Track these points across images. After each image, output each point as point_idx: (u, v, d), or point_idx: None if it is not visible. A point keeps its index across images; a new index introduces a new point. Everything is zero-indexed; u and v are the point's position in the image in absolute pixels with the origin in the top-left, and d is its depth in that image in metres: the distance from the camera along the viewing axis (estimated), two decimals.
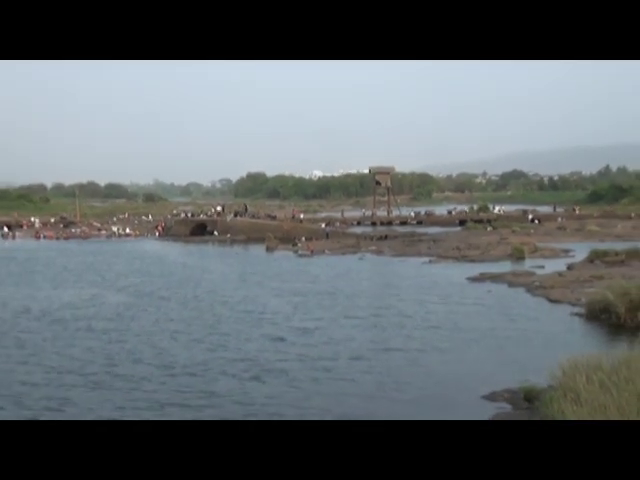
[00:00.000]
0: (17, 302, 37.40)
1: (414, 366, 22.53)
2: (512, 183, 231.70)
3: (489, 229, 77.86)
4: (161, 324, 30.68)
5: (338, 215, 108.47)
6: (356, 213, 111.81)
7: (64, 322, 31.34)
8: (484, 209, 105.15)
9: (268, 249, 67.35)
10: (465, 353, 24.10)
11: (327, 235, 75.91)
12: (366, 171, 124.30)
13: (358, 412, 17.77)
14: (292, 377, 21.32)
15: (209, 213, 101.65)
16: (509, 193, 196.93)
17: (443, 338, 26.43)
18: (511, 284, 38.86)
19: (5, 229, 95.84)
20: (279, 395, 19.44)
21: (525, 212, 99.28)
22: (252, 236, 77.95)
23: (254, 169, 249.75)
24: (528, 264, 48.10)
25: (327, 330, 28.53)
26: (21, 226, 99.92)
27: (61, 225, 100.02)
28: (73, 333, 28.83)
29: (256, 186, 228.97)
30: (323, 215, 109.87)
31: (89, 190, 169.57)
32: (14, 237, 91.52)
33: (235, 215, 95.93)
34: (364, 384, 20.49)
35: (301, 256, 61.22)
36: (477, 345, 25.15)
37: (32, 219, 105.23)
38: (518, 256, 51.77)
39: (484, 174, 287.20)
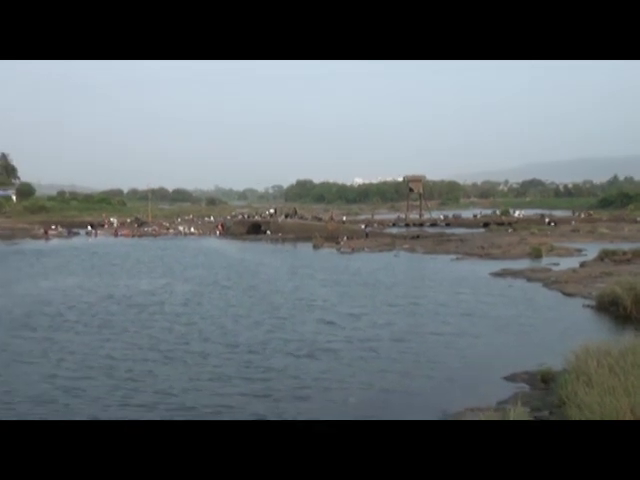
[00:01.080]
0: (101, 290, 38.03)
1: (447, 348, 22.56)
2: (531, 190, 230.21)
3: (510, 231, 77.34)
4: (225, 309, 31.08)
5: (376, 217, 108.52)
6: (391, 216, 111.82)
7: (141, 306, 31.86)
8: (506, 213, 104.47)
9: (314, 246, 67.50)
10: (491, 338, 24.04)
11: (366, 235, 75.91)
12: (401, 179, 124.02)
13: (397, 387, 17.98)
14: (341, 356, 21.48)
15: (263, 215, 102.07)
16: (528, 199, 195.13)
17: (473, 324, 26.47)
18: (529, 279, 38.56)
19: (89, 228, 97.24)
20: (329, 370, 19.62)
21: (542, 216, 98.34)
22: (300, 235, 78.14)
23: (302, 176, 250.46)
24: (545, 262, 47.61)
25: (370, 316, 28.65)
26: (102, 225, 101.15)
27: (135, 225, 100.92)
28: (149, 316, 29.34)
29: (304, 191, 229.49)
30: (362, 217, 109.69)
31: (159, 194, 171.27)
32: (96, 235, 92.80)
33: (286, 217, 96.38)
34: (403, 362, 20.56)
35: (343, 253, 61.42)
36: (502, 331, 25.09)
37: (111, 219, 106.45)
38: (536, 255, 51.33)
39: (506, 182, 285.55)
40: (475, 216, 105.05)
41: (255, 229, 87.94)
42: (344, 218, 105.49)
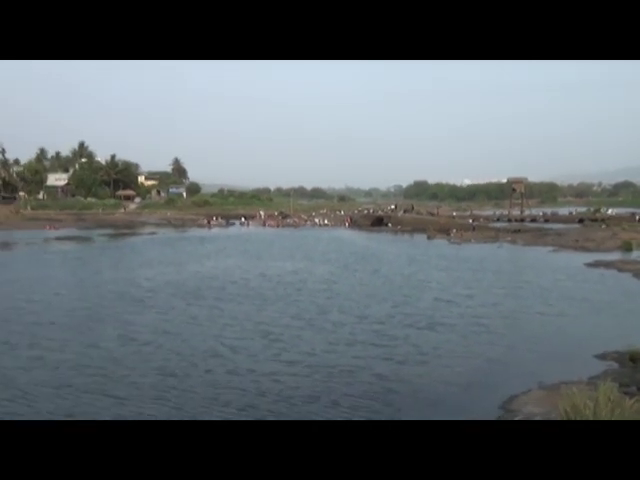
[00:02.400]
0: (254, 269, 39.28)
1: (548, 326, 22.14)
2: (623, 191, 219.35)
3: (603, 227, 74.08)
4: (355, 287, 31.49)
5: (481, 213, 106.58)
6: (496, 212, 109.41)
7: (287, 284, 32.76)
8: (599, 211, 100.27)
9: (428, 237, 66.99)
10: (587, 319, 23.37)
11: (473, 228, 74.63)
12: (505, 180, 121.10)
13: (502, 358, 17.87)
14: (455, 329, 21.43)
15: (385, 210, 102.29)
16: (620, 199, 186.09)
17: (571, 306, 25.75)
18: (620, 270, 36.92)
19: (242, 219, 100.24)
20: (445, 341, 19.67)
21: (633, 214, 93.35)
22: (416, 227, 77.59)
23: (419, 178, 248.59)
24: (635, 255, 45.59)
25: (480, 296, 28.37)
26: (253, 217, 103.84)
27: (280, 217, 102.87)
28: (294, 291, 30.16)
29: (420, 191, 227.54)
30: (470, 213, 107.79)
31: (299, 192, 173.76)
32: (248, 225, 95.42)
33: (404, 212, 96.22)
34: (509, 337, 20.36)
35: (453, 243, 60.67)
36: (596, 314, 24.32)
37: (260, 212, 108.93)
38: (626, 248, 49.04)
39: (599, 184, 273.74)
40: (571, 213, 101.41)
41: (378, 222, 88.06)
42: (454, 213, 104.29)
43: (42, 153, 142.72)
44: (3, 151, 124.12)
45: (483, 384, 15.27)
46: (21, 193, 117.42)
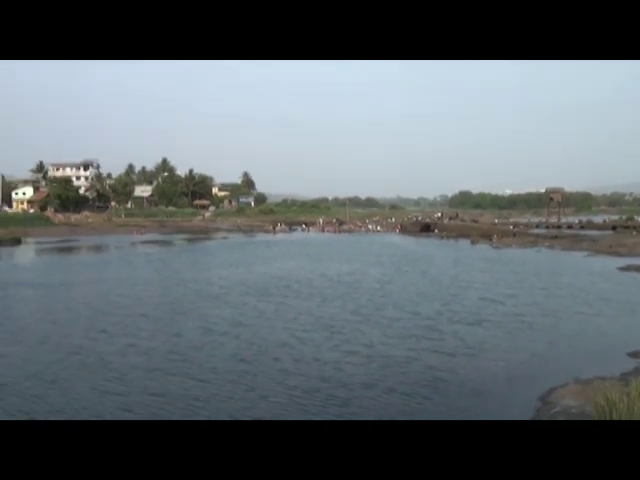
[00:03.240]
0: (315, 270, 39.47)
1: (586, 325, 21.56)
2: None
3: (634, 233, 71.93)
4: (407, 287, 31.35)
5: (522, 220, 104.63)
6: (535, 220, 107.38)
7: (345, 283, 32.84)
8: (631, 219, 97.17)
9: (472, 242, 66.11)
10: (622, 319, 22.65)
11: (514, 234, 73.28)
12: (543, 190, 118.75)
13: (543, 352, 17.52)
14: (499, 326, 21.13)
15: (432, 217, 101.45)
16: None
17: (607, 307, 25.04)
18: None
19: (304, 226, 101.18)
20: (490, 336, 19.41)
21: None
22: (461, 233, 76.61)
23: (463, 188, 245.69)
24: None
25: (523, 296, 27.84)
26: (313, 224, 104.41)
27: (337, 224, 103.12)
28: (352, 290, 30.14)
29: (464, 200, 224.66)
30: (511, 220, 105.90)
31: (354, 201, 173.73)
32: (309, 231, 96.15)
33: (450, 219, 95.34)
34: (550, 334, 19.95)
35: (495, 248, 59.69)
36: (631, 314, 23.54)
37: (319, 219, 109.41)
38: None
39: (631, 194, 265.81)
40: (604, 221, 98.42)
41: (426, 228, 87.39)
42: (496, 220, 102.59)
43: (130, 168, 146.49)
44: (98, 166, 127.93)
45: (525, 377, 15.05)
46: (112, 203, 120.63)
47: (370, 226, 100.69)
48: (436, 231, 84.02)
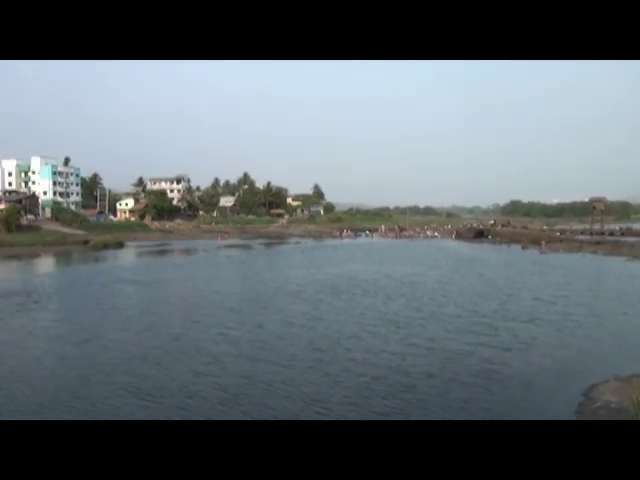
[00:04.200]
0: (380, 271, 39.27)
1: (630, 325, 20.73)
2: None
3: None
4: (464, 287, 30.89)
5: (568, 228, 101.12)
6: (579, 227, 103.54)
7: (409, 283, 32.61)
8: None
9: (522, 247, 64.39)
10: None
11: (561, 240, 70.92)
12: (587, 199, 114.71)
13: (589, 349, 17.12)
14: (551, 324, 20.61)
15: (485, 224, 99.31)
16: None
17: None
18: None
19: (367, 232, 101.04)
20: (542, 333, 18.99)
21: None
22: (512, 239, 74.65)
23: (514, 197, 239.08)
24: None
25: (571, 298, 26.98)
26: (376, 230, 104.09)
27: (398, 230, 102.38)
28: (414, 289, 29.91)
29: (515, 208, 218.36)
30: (558, 228, 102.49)
31: (413, 210, 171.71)
32: (372, 236, 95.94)
33: (502, 226, 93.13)
34: (596, 332, 19.38)
35: (543, 253, 57.77)
36: None
37: (382, 226, 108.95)
38: None
39: None
40: None
41: (479, 234, 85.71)
42: (544, 228, 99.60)
43: (216, 181, 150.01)
44: (189, 180, 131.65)
45: (571, 372, 14.68)
46: (200, 212, 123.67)
47: (428, 232, 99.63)
48: (489, 237, 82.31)
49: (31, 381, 14.24)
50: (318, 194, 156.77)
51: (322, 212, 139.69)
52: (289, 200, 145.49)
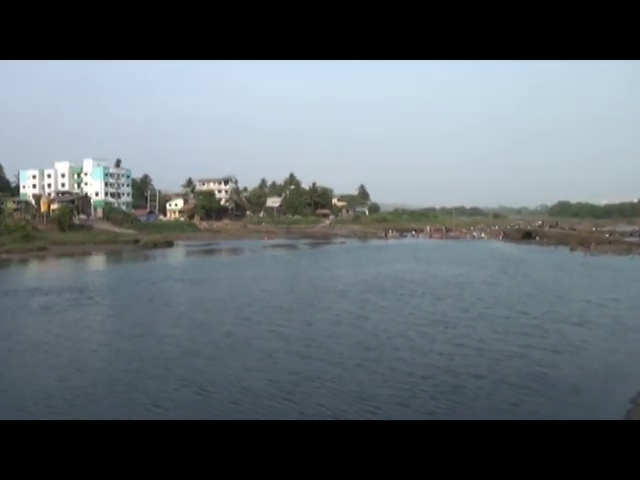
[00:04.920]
0: (426, 271, 39.03)
1: None
2: None
3: None
4: (514, 289, 30.27)
5: (617, 229, 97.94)
6: (628, 228, 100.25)
7: (457, 284, 32.31)
8: None
9: (570, 249, 62.66)
10: None
11: (609, 242, 68.88)
12: (635, 200, 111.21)
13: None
14: (603, 327, 20.13)
15: (533, 226, 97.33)
16: None
17: None
18: None
19: (413, 232, 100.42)
20: (594, 337, 18.56)
21: None
22: (560, 241, 72.81)
23: (562, 198, 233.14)
24: None
25: (623, 300, 26.17)
26: (422, 230, 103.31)
27: (444, 230, 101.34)
28: (462, 290, 29.59)
29: (563, 209, 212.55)
30: (606, 229, 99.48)
31: (460, 210, 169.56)
32: (418, 237, 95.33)
33: (550, 227, 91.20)
34: None
35: (592, 255, 56.23)
36: None
37: (428, 227, 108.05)
38: None
39: None
40: None
41: (527, 235, 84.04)
42: (593, 229, 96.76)
43: (263, 182, 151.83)
44: (236, 181, 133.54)
45: (620, 377, 14.33)
46: (248, 212, 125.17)
47: (475, 233, 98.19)
48: (537, 238, 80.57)
49: (89, 372, 14.91)
50: (363, 194, 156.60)
51: (367, 212, 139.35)
52: (334, 200, 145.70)
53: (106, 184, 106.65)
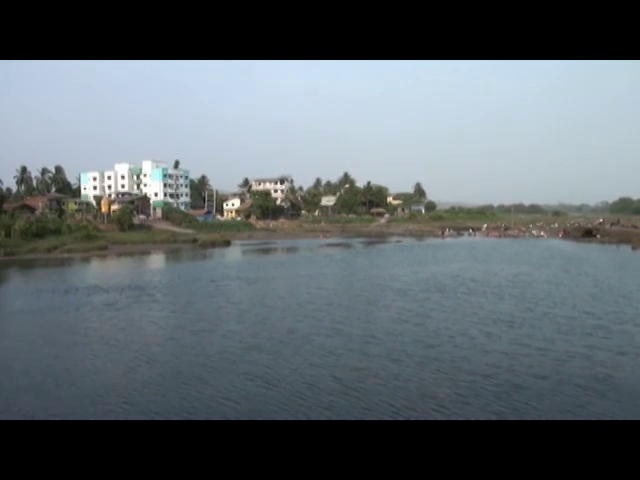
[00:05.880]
0: (484, 270, 38.52)
1: None
2: None
3: None
4: (576, 288, 29.45)
5: None
6: None
7: (517, 284, 31.64)
8: None
9: (633, 248, 60.23)
10: None
11: None
12: None
13: None
14: None
15: (593, 223, 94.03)
16: None
17: None
18: None
19: (470, 230, 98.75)
20: None
21: None
22: (622, 239, 70.26)
23: (624, 194, 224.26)
24: None
25: None
26: (479, 229, 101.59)
27: (502, 229, 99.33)
28: (524, 289, 29.04)
29: (625, 206, 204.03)
30: None
31: (518, 208, 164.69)
32: (475, 235, 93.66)
33: (611, 225, 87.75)
34: None
35: None
36: None
37: (485, 225, 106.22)
38: None
39: None
40: None
41: (587, 234, 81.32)
42: None
43: (317, 181, 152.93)
44: (292, 181, 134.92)
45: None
46: (303, 211, 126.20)
47: (534, 231, 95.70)
48: (598, 236, 77.91)
49: (157, 365, 15.56)
50: (419, 192, 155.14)
51: (423, 211, 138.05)
52: (389, 199, 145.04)
53: (165, 185, 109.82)
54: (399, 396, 12.56)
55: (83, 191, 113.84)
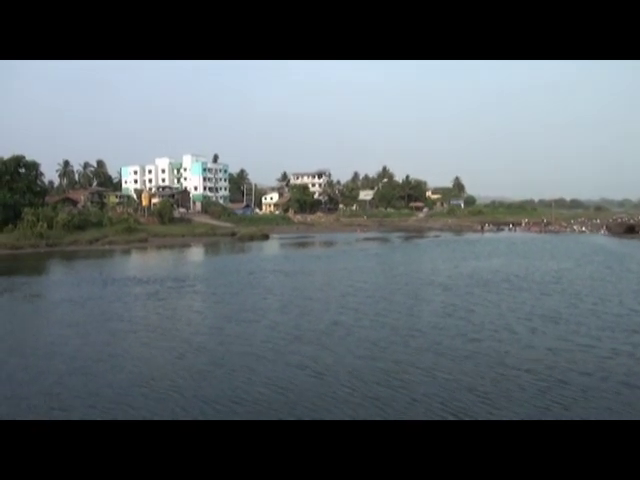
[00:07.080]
0: (524, 266, 37.83)
1: None
2: None
3: None
4: (621, 285, 28.70)
5: None
6: None
7: (560, 280, 31.17)
8: None
9: None
10: None
11: None
12: None
13: None
14: None
15: (637, 219, 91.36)
16: None
17: None
18: None
19: (510, 226, 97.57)
20: None
21: None
22: None
23: None
24: None
25: None
26: (519, 224, 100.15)
27: (543, 224, 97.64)
28: (568, 286, 28.56)
29: None
30: None
31: (560, 203, 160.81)
32: (515, 230, 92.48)
33: None
34: None
35: None
36: None
37: (525, 220, 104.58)
38: None
39: None
40: None
41: (630, 230, 79.05)
42: None
43: (355, 175, 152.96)
44: (329, 175, 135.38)
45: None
46: (340, 205, 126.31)
47: (575, 227, 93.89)
48: None
49: (206, 352, 15.97)
50: (458, 187, 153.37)
51: (462, 205, 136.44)
52: (428, 193, 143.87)
53: (204, 179, 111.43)
54: (445, 389, 12.60)
55: (124, 185, 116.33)
